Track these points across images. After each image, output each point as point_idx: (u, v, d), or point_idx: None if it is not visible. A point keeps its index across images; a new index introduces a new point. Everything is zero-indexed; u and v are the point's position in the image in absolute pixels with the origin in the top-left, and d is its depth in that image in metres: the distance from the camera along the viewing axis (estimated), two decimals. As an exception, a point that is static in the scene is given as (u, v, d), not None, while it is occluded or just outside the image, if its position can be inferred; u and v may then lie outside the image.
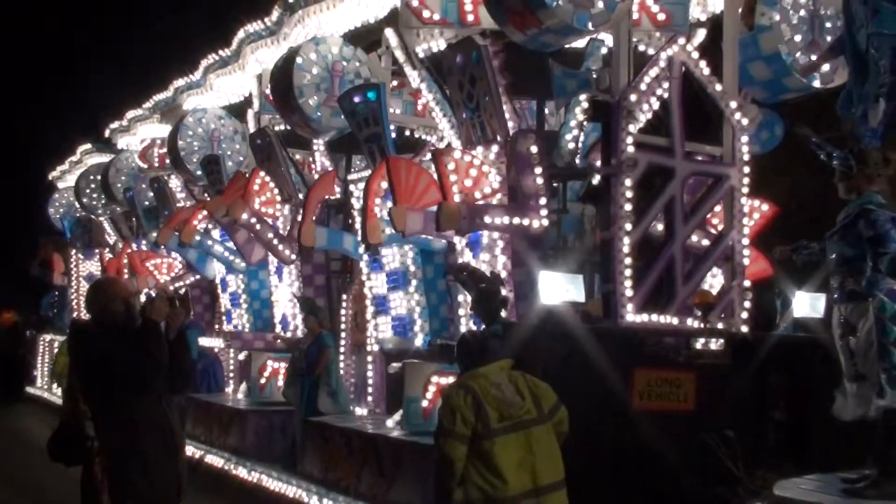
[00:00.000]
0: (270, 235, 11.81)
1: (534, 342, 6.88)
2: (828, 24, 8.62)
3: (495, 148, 8.47)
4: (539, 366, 6.26)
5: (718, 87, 8.45)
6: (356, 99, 9.88)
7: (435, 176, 8.46)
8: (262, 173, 12.09)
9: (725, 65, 8.63)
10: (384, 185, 8.98)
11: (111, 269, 17.78)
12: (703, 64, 8.36)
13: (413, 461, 8.11)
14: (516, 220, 8.20)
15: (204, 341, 13.95)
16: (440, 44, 9.20)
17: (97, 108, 21.27)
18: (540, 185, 8.17)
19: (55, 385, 18.12)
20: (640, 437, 7.13)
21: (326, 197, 11.24)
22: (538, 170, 8.17)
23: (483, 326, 7.58)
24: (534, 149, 8.27)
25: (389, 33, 9.63)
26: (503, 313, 7.64)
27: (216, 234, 13.37)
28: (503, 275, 8.20)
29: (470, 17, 8.99)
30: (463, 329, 8.81)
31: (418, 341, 9.69)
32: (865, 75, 6.32)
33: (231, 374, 13.96)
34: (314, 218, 10.77)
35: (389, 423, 9.38)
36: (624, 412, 7.29)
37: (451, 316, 9.54)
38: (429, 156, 9.04)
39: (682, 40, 8.32)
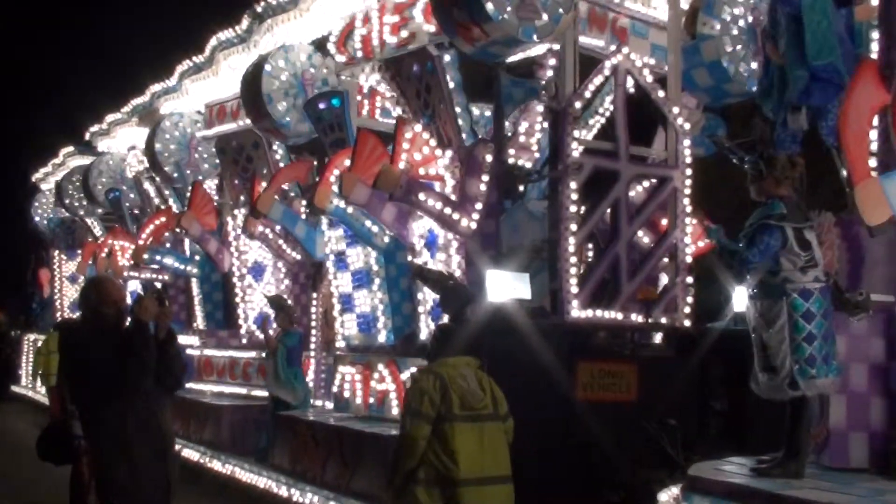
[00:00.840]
0: (281, 241, 12.22)
1: (478, 338, 7.21)
2: (767, 31, 9.02)
3: (449, 153, 8.85)
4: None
5: (661, 94, 8.85)
6: (321, 105, 10.30)
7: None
8: (263, 184, 12.18)
9: (669, 72, 9.03)
10: (347, 162, 9.27)
11: (88, 252, 17.91)
12: (646, 71, 8.75)
13: (373, 451, 8.47)
14: (447, 211, 8.46)
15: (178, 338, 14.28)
16: (371, 77, 9.62)
17: (78, 111, 21.51)
18: (481, 191, 8.50)
19: (39, 383, 18.41)
20: (583, 426, 7.51)
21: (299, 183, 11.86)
22: (485, 177, 8.54)
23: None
24: (488, 158, 8.64)
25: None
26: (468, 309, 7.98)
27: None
28: (457, 273, 8.56)
29: (359, 54, 9.38)
30: (422, 325, 9.23)
31: (381, 337, 10.07)
32: (785, 83, 6.74)
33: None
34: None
35: (329, 407, 10.33)
36: (569, 403, 7.66)
37: (413, 313, 9.90)
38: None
39: (625, 49, 8.70)
